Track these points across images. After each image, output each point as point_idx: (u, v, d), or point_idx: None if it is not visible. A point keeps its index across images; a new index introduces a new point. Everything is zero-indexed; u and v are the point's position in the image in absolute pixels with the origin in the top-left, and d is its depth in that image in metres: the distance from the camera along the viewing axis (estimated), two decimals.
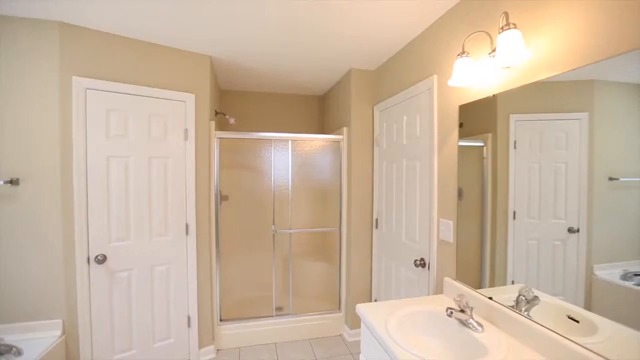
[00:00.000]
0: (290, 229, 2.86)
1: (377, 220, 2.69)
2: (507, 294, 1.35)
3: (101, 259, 2.03)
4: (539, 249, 1.22)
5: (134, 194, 2.14)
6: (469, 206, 1.60)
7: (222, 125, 3.14)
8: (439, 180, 1.84)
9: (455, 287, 1.64)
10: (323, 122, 3.66)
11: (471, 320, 1.30)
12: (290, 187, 2.85)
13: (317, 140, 2.94)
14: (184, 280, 2.35)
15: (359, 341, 2.70)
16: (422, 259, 1.97)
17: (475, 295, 1.49)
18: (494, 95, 1.42)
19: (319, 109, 3.74)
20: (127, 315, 2.15)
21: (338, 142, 2.85)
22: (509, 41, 1.16)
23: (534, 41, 1.22)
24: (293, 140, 2.83)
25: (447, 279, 1.71)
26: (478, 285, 1.53)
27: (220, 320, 2.64)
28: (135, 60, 2.13)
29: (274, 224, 2.80)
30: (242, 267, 3.13)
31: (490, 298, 1.41)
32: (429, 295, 1.90)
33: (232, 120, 2.95)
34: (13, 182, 1.82)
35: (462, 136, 1.65)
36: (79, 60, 1.94)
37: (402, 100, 2.26)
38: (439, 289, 1.83)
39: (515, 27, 1.16)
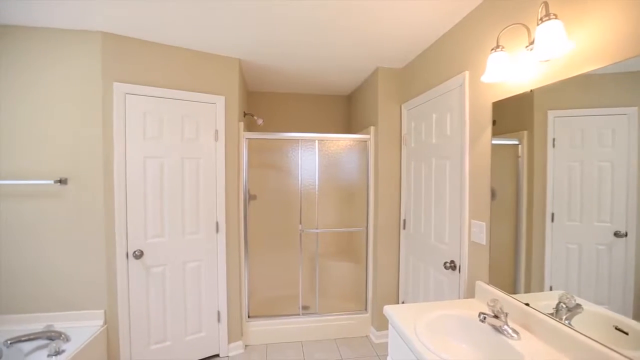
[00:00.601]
0: (317, 228, 2.88)
1: (404, 220, 2.64)
2: (545, 300, 1.27)
3: (138, 255, 2.14)
4: (580, 254, 1.15)
5: (168, 192, 2.25)
6: (503, 207, 1.53)
7: (250, 126, 3.22)
8: (471, 180, 1.77)
9: (488, 291, 1.57)
10: (349, 122, 3.65)
11: (506, 327, 1.24)
12: (317, 186, 2.86)
13: (343, 140, 2.94)
14: (214, 276, 2.44)
15: (385, 343, 2.66)
16: (452, 261, 1.91)
17: (510, 300, 1.42)
18: (531, 91, 1.34)
19: (346, 108, 3.73)
20: (162, 308, 2.26)
21: (365, 141, 2.83)
22: (549, 32, 1.09)
23: (577, 32, 1.14)
24: (320, 140, 2.84)
25: (479, 283, 1.65)
26: (512, 290, 1.46)
27: (249, 316, 2.70)
28: (169, 65, 2.23)
29: (300, 223, 2.83)
30: (269, 265, 3.19)
31: (527, 304, 1.34)
32: (459, 299, 1.84)
33: (259, 121, 3.02)
34: (62, 181, 1.97)
35: (495, 134, 1.58)
36: (119, 67, 2.07)
37: (431, 98, 2.20)
38: (469, 293, 1.76)
39: (556, 18, 1.09)
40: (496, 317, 1.26)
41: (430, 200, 2.22)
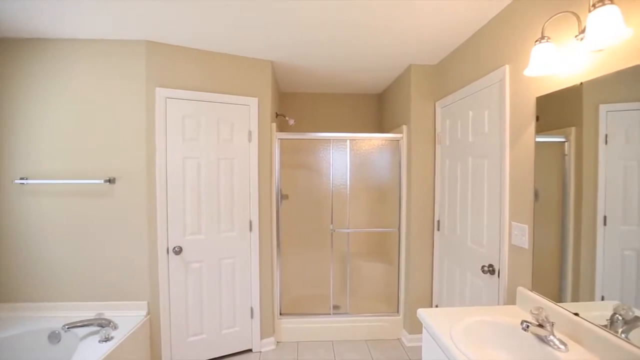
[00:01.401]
0: (348, 228, 2.87)
1: (438, 221, 2.55)
2: (596, 311, 1.17)
3: (178, 250, 2.26)
4: (639, 262, 1.04)
5: (204, 192, 2.34)
6: (547, 209, 1.43)
7: (282, 127, 3.27)
8: (511, 180, 1.68)
9: (531, 298, 1.48)
10: (381, 121, 3.59)
11: (552, 337, 1.16)
12: (348, 186, 2.85)
13: (375, 139, 2.91)
14: (248, 273, 2.51)
15: (418, 347, 2.59)
16: (490, 265, 1.82)
17: (556, 309, 1.33)
18: (580, 84, 1.24)
19: (376, 107, 3.68)
20: (199, 302, 2.36)
21: (397, 140, 2.77)
22: (603, 19, 1.00)
23: (634, 17, 1.04)
24: (351, 140, 2.83)
25: (520, 289, 1.56)
26: (557, 298, 1.36)
27: (280, 314, 2.76)
28: (206, 70, 2.33)
29: (332, 223, 2.83)
30: (300, 264, 3.23)
31: (576, 314, 1.24)
32: (498, 305, 1.75)
33: (291, 122, 3.06)
34: (110, 181, 2.13)
35: (538, 131, 1.49)
36: (160, 73, 2.19)
37: (467, 94, 2.11)
38: (510, 299, 1.67)
39: (611, 3, 1.00)
40: (541, 326, 1.18)
41: (466, 200, 2.14)
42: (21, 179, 2.08)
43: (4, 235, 2.12)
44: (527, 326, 1.19)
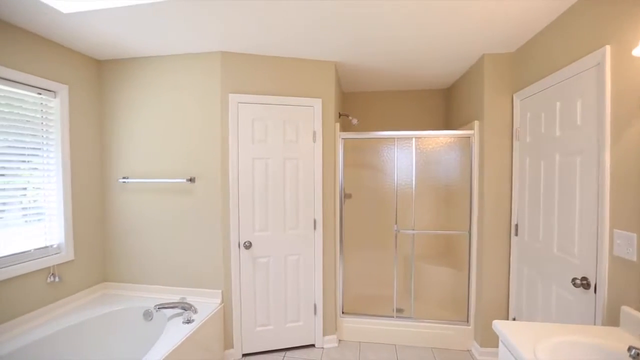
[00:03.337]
0: (413, 229, 2.76)
1: (517, 225, 2.31)
2: None
3: (248, 245, 2.42)
4: None
5: (271, 190, 2.47)
6: None
7: (345, 127, 3.29)
8: (613, 180, 1.43)
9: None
10: (448, 117, 3.38)
11: None
12: (413, 186, 2.74)
13: (443, 137, 2.75)
14: (311, 270, 2.58)
15: None
16: (584, 278, 1.59)
17: None
18: None
19: (442, 103, 3.46)
20: (266, 295, 2.50)
21: (468, 137, 2.58)
22: None
23: None
24: (417, 138, 2.71)
25: (626, 309, 1.33)
26: None
27: (343, 312, 2.77)
28: (273, 74, 2.45)
29: (396, 223, 2.75)
30: (363, 263, 3.21)
31: None
32: (594, 324, 1.52)
33: (354, 121, 3.05)
34: (191, 180, 2.37)
35: None
36: (233, 80, 2.37)
37: (553, 83, 1.87)
38: (610, 320, 1.43)
39: None
40: None
41: (552, 203, 1.89)
42: (123, 178, 2.45)
43: (112, 226, 2.52)
44: (637, 354, 1.00)
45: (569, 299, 1.72)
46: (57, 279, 2.12)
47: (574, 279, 1.62)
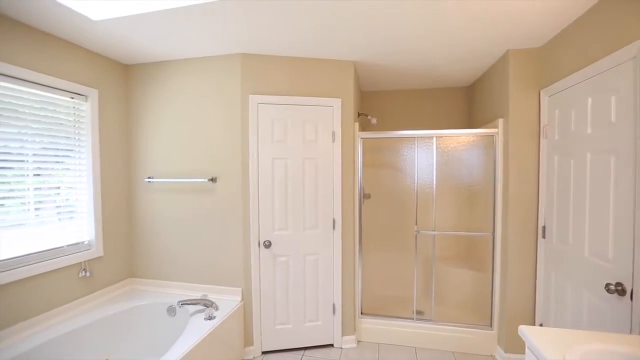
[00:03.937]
0: (433, 230, 2.71)
1: (544, 227, 2.22)
2: None
3: (267, 244, 2.45)
4: None
5: (291, 190, 2.49)
6: None
7: (364, 126, 3.26)
8: None
9: None
10: (470, 116, 3.29)
11: None
12: (434, 186, 2.69)
13: (465, 136, 2.68)
14: (330, 270, 2.57)
15: None
16: (619, 284, 1.50)
17: None
18: None
19: (466, 101, 3.37)
20: (285, 294, 2.52)
21: (491, 136, 2.50)
22: None
23: None
24: (438, 137, 2.65)
25: None
26: None
27: (362, 313, 2.75)
28: (292, 74, 2.46)
29: (416, 224, 2.70)
30: (382, 264, 3.17)
31: None
32: (630, 333, 1.43)
33: (373, 121, 3.02)
34: (213, 179, 2.43)
35: None
36: (253, 81, 2.40)
37: (585, 78, 1.78)
38: None
39: None
40: None
41: (583, 204, 1.80)
42: (148, 178, 2.53)
43: (138, 224, 2.62)
44: None
45: (602, 305, 1.64)
46: (88, 274, 2.23)
47: (607, 285, 1.54)
